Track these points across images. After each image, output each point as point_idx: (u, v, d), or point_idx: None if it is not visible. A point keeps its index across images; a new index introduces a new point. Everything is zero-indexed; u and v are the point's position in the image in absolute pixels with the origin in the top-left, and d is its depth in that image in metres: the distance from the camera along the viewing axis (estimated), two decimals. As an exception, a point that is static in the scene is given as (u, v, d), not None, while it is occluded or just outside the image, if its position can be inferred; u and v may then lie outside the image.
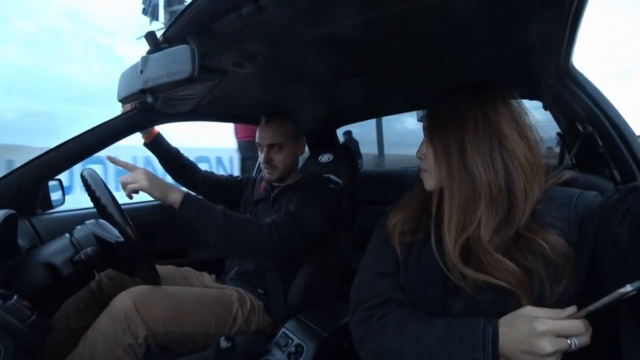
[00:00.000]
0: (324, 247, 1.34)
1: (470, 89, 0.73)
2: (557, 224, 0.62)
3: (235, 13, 0.65)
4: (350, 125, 2.02)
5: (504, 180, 0.65)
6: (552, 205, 0.64)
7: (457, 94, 0.73)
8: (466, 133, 0.67)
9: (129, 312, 0.96)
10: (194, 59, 0.67)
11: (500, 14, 0.71)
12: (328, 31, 0.77)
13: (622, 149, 0.85)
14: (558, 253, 0.59)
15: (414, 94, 1.40)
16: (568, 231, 0.61)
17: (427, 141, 0.75)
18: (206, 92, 1.16)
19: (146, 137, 1.49)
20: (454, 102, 0.71)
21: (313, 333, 1.11)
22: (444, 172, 0.70)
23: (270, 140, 1.32)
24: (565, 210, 0.63)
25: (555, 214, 0.63)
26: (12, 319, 0.70)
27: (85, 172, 1.08)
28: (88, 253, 0.91)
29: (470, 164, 0.66)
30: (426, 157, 0.75)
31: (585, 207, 0.62)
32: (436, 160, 0.71)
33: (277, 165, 1.34)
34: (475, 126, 0.67)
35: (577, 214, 0.62)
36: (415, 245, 0.74)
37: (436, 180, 0.73)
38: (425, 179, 0.76)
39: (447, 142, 0.69)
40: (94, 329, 0.97)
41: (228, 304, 1.15)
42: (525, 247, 0.61)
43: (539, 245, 0.60)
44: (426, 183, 0.75)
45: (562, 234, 0.60)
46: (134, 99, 0.90)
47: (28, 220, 1.22)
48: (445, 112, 0.72)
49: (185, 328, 1.05)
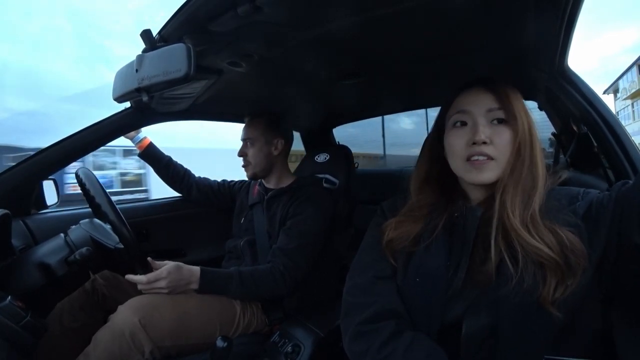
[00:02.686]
0: (321, 246, 1.34)
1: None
2: (568, 219, 0.62)
3: (231, 12, 0.65)
4: (349, 125, 2.02)
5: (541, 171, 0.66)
6: (559, 204, 0.64)
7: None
8: (530, 120, 0.68)
9: (134, 330, 0.94)
10: (190, 58, 0.66)
11: (496, 15, 0.72)
12: (324, 31, 0.77)
13: (616, 148, 0.86)
14: (573, 249, 0.58)
15: (410, 94, 1.41)
16: (577, 226, 0.61)
17: (501, 124, 0.68)
18: (202, 91, 1.16)
19: (139, 147, 1.53)
20: (512, 87, 0.71)
21: (310, 333, 1.11)
22: (515, 159, 0.65)
23: (244, 135, 1.39)
24: (572, 208, 0.63)
25: (563, 212, 0.63)
26: (6, 319, 0.69)
27: (80, 171, 1.08)
28: (83, 253, 0.90)
29: (539, 155, 0.66)
30: (493, 141, 0.66)
31: (591, 202, 0.62)
32: (514, 145, 0.66)
33: (250, 160, 1.37)
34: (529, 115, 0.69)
35: (583, 210, 0.62)
36: (417, 252, 0.71)
37: (501, 170, 0.66)
38: (486, 169, 0.66)
39: (522, 125, 0.66)
40: (96, 345, 0.94)
41: (231, 311, 1.15)
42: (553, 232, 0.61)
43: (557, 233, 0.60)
44: (486, 173, 0.66)
45: (574, 231, 0.60)
46: (129, 97, 0.90)
47: (22, 220, 1.21)
48: (516, 95, 0.70)
49: (190, 339, 1.04)
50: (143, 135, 1.54)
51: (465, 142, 0.68)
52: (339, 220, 1.47)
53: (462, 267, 0.65)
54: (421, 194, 0.77)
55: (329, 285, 1.43)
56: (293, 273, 1.19)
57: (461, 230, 0.69)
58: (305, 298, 1.30)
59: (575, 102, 0.91)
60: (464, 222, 0.69)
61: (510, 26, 0.77)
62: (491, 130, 0.67)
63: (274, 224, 1.32)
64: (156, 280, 1.02)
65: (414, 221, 0.74)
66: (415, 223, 0.73)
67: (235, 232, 1.46)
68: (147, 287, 1.02)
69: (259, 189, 1.45)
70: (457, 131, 0.70)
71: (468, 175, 0.68)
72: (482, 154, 0.66)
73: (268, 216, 1.35)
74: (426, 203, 0.76)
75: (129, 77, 0.78)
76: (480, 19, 0.73)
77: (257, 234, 1.35)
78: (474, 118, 0.68)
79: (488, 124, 0.68)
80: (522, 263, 0.59)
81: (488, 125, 0.67)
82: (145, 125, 1.46)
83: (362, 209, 1.80)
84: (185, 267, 1.08)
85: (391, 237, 0.73)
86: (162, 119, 1.39)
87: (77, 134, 1.20)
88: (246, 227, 1.41)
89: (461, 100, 0.71)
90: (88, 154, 1.26)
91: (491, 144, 0.66)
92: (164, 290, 1.03)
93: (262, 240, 1.33)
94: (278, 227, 1.30)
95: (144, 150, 1.53)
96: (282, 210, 1.31)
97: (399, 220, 0.75)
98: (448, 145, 0.72)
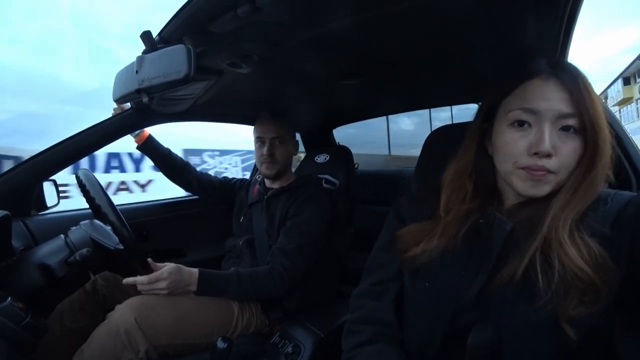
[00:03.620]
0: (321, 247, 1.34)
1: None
2: (596, 227, 0.55)
3: (231, 13, 0.64)
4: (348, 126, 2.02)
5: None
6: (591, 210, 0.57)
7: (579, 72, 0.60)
8: (604, 128, 0.58)
9: (130, 328, 0.94)
10: (190, 59, 0.66)
11: (496, 15, 0.72)
12: (324, 31, 0.76)
13: (616, 149, 0.86)
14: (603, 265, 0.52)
15: (410, 94, 1.41)
16: (605, 235, 0.54)
17: (574, 133, 0.57)
18: (202, 92, 1.16)
19: (137, 140, 1.50)
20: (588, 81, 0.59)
21: (310, 333, 1.11)
22: (577, 171, 0.57)
23: (274, 134, 1.35)
24: (601, 214, 0.56)
25: (593, 219, 0.56)
26: (7, 320, 0.69)
27: (80, 172, 1.08)
28: (83, 254, 0.90)
29: (606, 164, 0.58)
30: (558, 152, 0.57)
31: (621, 209, 0.55)
32: (574, 156, 0.57)
33: (279, 158, 1.36)
34: None
35: (612, 218, 0.55)
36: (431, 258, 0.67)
37: (559, 184, 0.58)
38: (543, 183, 0.58)
39: (596, 135, 0.56)
40: (92, 343, 0.95)
41: (229, 312, 1.15)
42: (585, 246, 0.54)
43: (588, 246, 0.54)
44: (543, 188, 0.58)
45: (603, 242, 0.53)
46: (129, 98, 0.90)
47: (22, 221, 1.21)
48: (594, 97, 0.57)
49: (188, 339, 1.04)
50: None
51: (525, 148, 0.58)
52: (339, 221, 1.47)
53: (479, 280, 0.60)
54: (455, 190, 0.68)
55: (329, 285, 1.43)
56: (292, 274, 1.19)
57: (485, 240, 0.62)
58: (305, 298, 1.30)
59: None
60: (489, 233, 0.61)
61: (510, 26, 0.77)
62: (558, 138, 0.57)
63: (273, 223, 1.32)
64: (157, 280, 1.02)
65: (442, 234, 0.65)
66: (443, 236, 0.65)
67: (235, 231, 1.47)
68: (148, 287, 1.02)
69: (259, 188, 1.44)
70: (517, 131, 0.60)
71: (521, 184, 0.60)
72: (542, 169, 0.57)
73: (267, 215, 1.35)
74: (459, 203, 0.67)
75: (129, 79, 0.78)
76: (480, 19, 0.73)
77: (256, 233, 1.35)
78: (541, 122, 0.57)
79: (555, 131, 0.57)
80: (556, 281, 0.53)
81: (555, 132, 0.57)
82: (145, 127, 1.46)
83: (362, 209, 1.81)
84: (185, 269, 1.08)
85: (413, 254, 0.67)
86: (162, 120, 1.40)
87: (77, 135, 1.20)
88: (245, 226, 1.41)
89: (528, 94, 0.59)
90: (88, 155, 1.26)
91: (555, 155, 0.56)
92: (164, 291, 1.02)
93: (261, 239, 1.33)
94: (277, 227, 1.30)
95: (142, 143, 1.51)
96: (282, 210, 1.31)
97: (422, 229, 0.68)
98: (501, 143, 0.62)
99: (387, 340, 0.68)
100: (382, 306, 0.72)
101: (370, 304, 0.73)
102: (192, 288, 1.08)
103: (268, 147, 1.35)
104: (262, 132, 1.37)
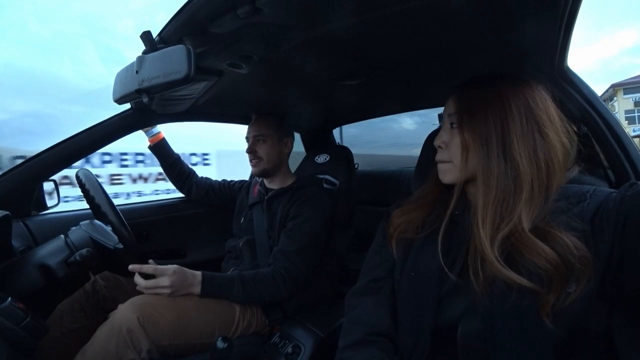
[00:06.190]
0: (321, 247, 1.34)
1: (510, 76, 0.68)
2: (574, 223, 0.58)
3: (231, 14, 0.65)
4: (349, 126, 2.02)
5: (545, 176, 0.61)
6: (567, 203, 0.61)
7: (497, 80, 0.67)
8: (511, 123, 0.62)
9: (132, 327, 0.94)
10: (190, 60, 0.66)
11: (496, 16, 0.72)
12: (324, 32, 0.77)
13: (616, 149, 0.86)
14: (578, 255, 0.55)
15: (410, 95, 1.41)
16: (583, 230, 0.57)
17: (455, 128, 0.69)
18: (202, 93, 1.16)
19: (151, 140, 1.55)
20: (494, 87, 0.66)
21: (310, 333, 1.11)
22: (478, 162, 0.64)
23: (256, 132, 1.39)
24: (580, 210, 0.60)
25: (570, 214, 0.60)
26: (7, 321, 0.69)
27: (80, 172, 1.08)
28: (83, 254, 0.90)
29: (516, 156, 0.61)
30: (448, 145, 0.70)
31: (599, 204, 0.58)
32: (465, 149, 0.66)
33: (261, 156, 1.38)
34: (520, 116, 0.62)
35: (590, 213, 0.58)
36: (416, 242, 0.73)
37: (460, 173, 0.68)
38: (445, 171, 0.70)
39: (486, 128, 0.63)
40: (94, 342, 0.94)
41: (231, 312, 1.15)
42: (552, 240, 0.57)
43: (561, 239, 0.57)
44: (445, 175, 0.70)
45: (580, 236, 0.57)
46: (129, 99, 0.90)
47: (22, 222, 1.21)
48: (484, 96, 0.66)
49: (189, 339, 1.04)
50: (157, 130, 1.57)
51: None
52: (339, 221, 1.47)
53: (457, 267, 0.66)
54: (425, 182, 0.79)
55: (329, 285, 1.43)
56: (294, 275, 1.19)
57: (460, 229, 0.69)
58: (306, 299, 1.30)
59: (575, 103, 0.91)
60: (462, 222, 0.69)
61: (509, 27, 0.77)
62: (449, 134, 0.71)
63: (273, 224, 1.32)
64: (162, 275, 1.03)
65: (420, 208, 0.76)
66: (421, 210, 0.76)
67: (235, 231, 1.47)
68: (152, 283, 1.02)
69: (259, 189, 1.45)
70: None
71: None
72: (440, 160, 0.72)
73: (268, 216, 1.35)
74: (431, 192, 0.77)
75: (129, 79, 0.78)
76: (480, 20, 0.73)
77: (257, 234, 1.35)
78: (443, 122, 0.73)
79: (449, 129, 0.71)
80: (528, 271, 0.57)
81: (448, 130, 0.71)
82: (145, 127, 1.46)
83: (362, 210, 1.80)
84: (189, 271, 1.08)
85: (397, 223, 0.76)
86: (163, 120, 1.40)
87: (77, 135, 1.20)
88: (246, 226, 1.41)
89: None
90: (88, 155, 1.26)
91: (447, 148, 0.70)
92: (167, 290, 1.03)
93: (261, 240, 1.34)
94: (278, 227, 1.30)
95: (155, 144, 1.57)
96: (282, 211, 1.31)
97: (406, 208, 0.79)
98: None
99: (378, 342, 0.70)
100: (377, 304, 0.74)
101: (365, 302, 0.75)
102: (195, 290, 1.08)
103: (250, 144, 1.39)
104: (247, 132, 1.42)
